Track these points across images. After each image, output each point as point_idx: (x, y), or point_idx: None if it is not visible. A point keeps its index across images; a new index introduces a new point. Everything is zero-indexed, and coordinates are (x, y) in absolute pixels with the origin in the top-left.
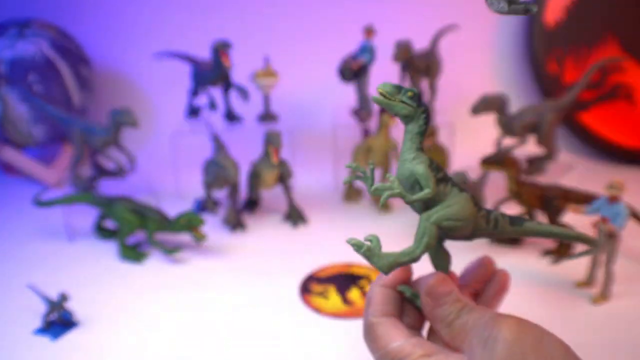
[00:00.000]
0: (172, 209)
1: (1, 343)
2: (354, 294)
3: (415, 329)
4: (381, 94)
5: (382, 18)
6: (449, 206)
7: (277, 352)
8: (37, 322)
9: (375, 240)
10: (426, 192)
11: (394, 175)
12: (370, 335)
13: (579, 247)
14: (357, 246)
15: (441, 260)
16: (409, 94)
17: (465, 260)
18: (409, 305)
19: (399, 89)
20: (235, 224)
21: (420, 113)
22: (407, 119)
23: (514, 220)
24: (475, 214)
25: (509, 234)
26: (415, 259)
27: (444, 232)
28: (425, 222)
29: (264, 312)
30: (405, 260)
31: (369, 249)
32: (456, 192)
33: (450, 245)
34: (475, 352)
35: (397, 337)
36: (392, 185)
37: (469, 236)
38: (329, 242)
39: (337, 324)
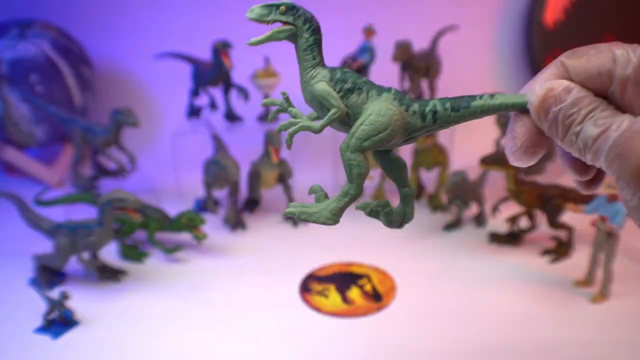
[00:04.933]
0: (173, 208)
1: (2, 341)
2: (353, 292)
3: None
4: (253, 20)
5: (382, 18)
6: (363, 122)
7: (278, 351)
8: (38, 321)
9: (317, 193)
10: (332, 112)
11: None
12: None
13: (579, 247)
14: (294, 214)
15: (396, 172)
16: (282, 8)
17: (465, 260)
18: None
19: (269, 8)
20: (235, 223)
21: (301, 25)
22: (293, 38)
23: (456, 104)
24: (401, 115)
25: (455, 122)
26: (357, 195)
27: (374, 149)
28: (345, 154)
29: (264, 311)
30: (347, 201)
31: (302, 212)
32: (374, 97)
33: (450, 245)
34: None
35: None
36: (293, 121)
37: (407, 140)
38: (329, 242)
39: (337, 322)
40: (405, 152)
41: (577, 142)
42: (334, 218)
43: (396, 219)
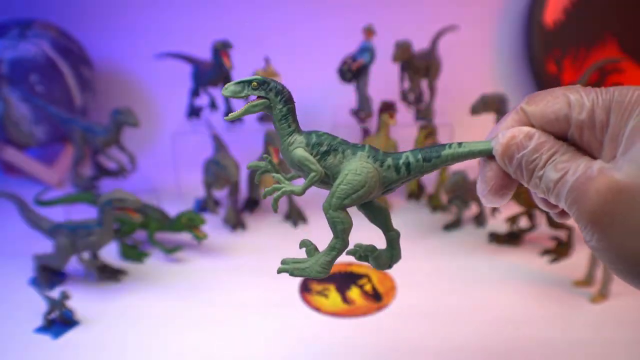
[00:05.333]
0: (173, 208)
1: (2, 341)
2: (353, 292)
3: None
4: (228, 96)
5: (382, 18)
6: (342, 181)
7: (277, 351)
8: (38, 321)
9: (308, 247)
10: (311, 176)
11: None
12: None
13: (579, 247)
14: (287, 271)
15: (380, 219)
16: (253, 84)
17: (465, 260)
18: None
19: (242, 84)
20: (235, 223)
21: (274, 97)
22: (268, 109)
23: (427, 155)
24: (377, 172)
25: (429, 171)
26: (344, 248)
27: (355, 205)
28: (328, 212)
29: (264, 311)
30: (335, 254)
31: (295, 269)
32: (350, 156)
33: (450, 245)
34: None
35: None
36: (276, 186)
37: (385, 192)
38: (329, 242)
39: (337, 322)
40: None
41: (541, 185)
42: (324, 271)
43: (384, 262)
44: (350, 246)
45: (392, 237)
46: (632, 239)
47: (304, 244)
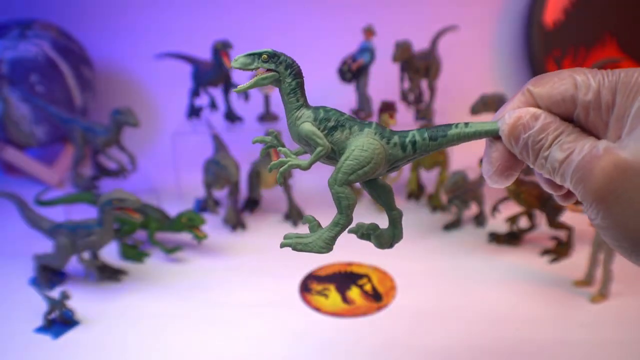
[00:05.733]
0: (173, 208)
1: (2, 341)
2: (353, 292)
3: None
4: (237, 68)
5: (382, 18)
6: (348, 157)
7: (277, 351)
8: (38, 321)
9: (311, 223)
10: (318, 150)
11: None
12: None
13: (579, 247)
14: (290, 245)
15: (383, 197)
16: (264, 57)
17: (465, 260)
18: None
19: (252, 56)
20: (235, 223)
21: (283, 70)
22: (277, 83)
23: (434, 134)
24: (383, 148)
25: (434, 150)
26: (347, 224)
27: (360, 181)
28: (333, 187)
29: (264, 311)
30: (338, 230)
31: (298, 243)
32: (357, 132)
33: (450, 245)
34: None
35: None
36: (282, 160)
37: (391, 169)
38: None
39: (337, 322)
40: None
41: (547, 165)
42: (327, 247)
43: (386, 240)
44: (353, 225)
45: (395, 217)
46: (637, 217)
47: (307, 219)
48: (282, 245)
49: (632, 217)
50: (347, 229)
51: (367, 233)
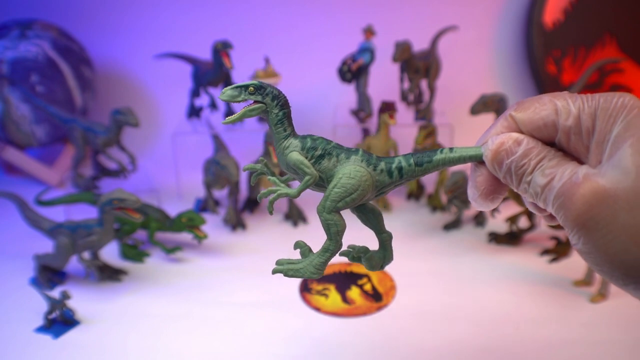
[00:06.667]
0: (173, 208)
1: (2, 341)
2: (353, 292)
3: None
4: (225, 101)
5: (382, 18)
6: (336, 185)
7: (277, 351)
8: (38, 321)
9: (302, 248)
10: (306, 179)
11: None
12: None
13: None
14: (282, 272)
15: (373, 221)
16: (250, 89)
17: (465, 260)
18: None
19: (239, 89)
20: (235, 223)
21: (270, 102)
22: (264, 114)
23: (419, 159)
24: (370, 175)
25: (421, 175)
26: (337, 250)
27: (348, 207)
28: (322, 215)
29: (264, 311)
30: (328, 256)
31: (290, 269)
32: (343, 160)
33: (449, 245)
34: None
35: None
36: (272, 189)
37: (379, 195)
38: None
39: (336, 322)
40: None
41: (530, 190)
42: (318, 272)
43: (377, 262)
44: (344, 247)
45: (385, 239)
46: (615, 243)
47: (299, 245)
48: (275, 272)
49: (611, 243)
50: (338, 253)
51: (358, 256)
